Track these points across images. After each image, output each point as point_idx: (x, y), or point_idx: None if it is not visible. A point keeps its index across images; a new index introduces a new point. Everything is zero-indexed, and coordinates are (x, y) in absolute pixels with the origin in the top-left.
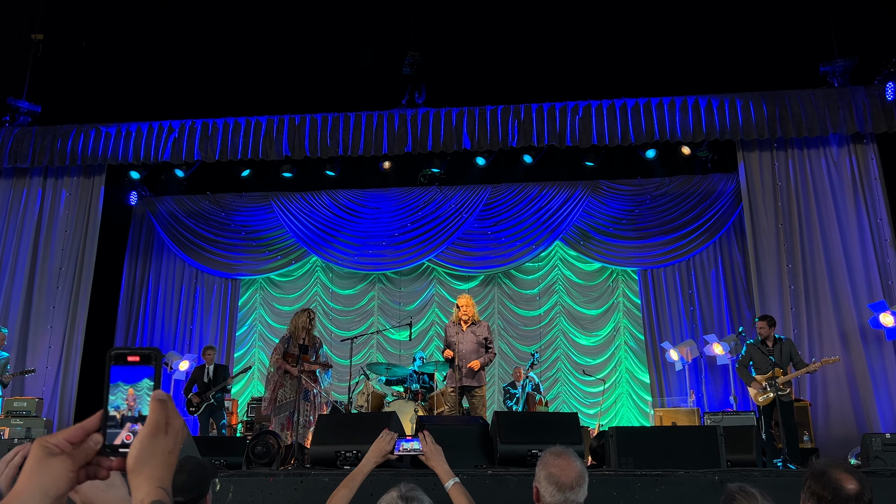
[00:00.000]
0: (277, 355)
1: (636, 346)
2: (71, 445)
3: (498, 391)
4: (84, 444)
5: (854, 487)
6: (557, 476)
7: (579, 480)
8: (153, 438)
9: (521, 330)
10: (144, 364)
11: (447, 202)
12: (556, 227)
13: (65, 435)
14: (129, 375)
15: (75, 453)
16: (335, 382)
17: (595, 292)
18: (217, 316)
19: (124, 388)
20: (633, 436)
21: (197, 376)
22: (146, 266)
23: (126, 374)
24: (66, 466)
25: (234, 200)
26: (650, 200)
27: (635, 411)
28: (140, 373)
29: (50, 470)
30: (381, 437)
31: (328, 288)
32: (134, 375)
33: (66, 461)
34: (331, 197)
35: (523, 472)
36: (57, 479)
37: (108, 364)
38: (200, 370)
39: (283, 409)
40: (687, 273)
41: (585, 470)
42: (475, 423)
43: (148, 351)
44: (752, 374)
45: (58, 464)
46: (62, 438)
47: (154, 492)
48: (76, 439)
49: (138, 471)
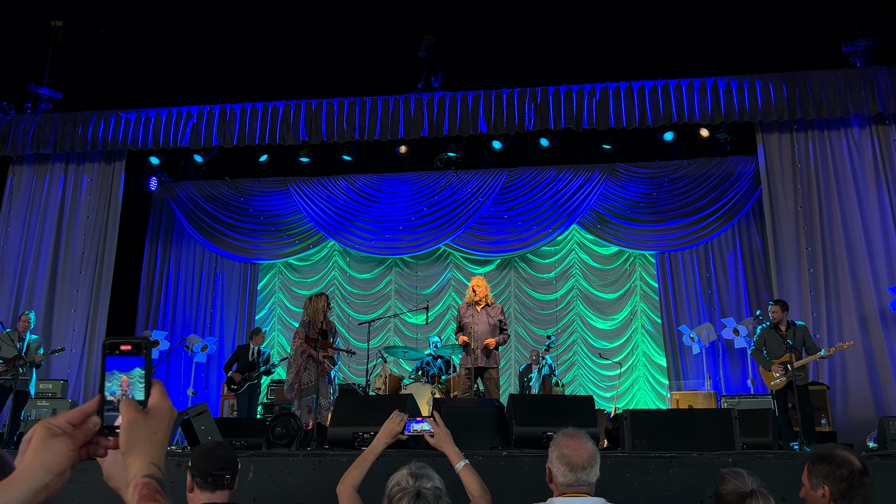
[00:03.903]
0: (300, 339)
1: (653, 329)
2: (72, 427)
3: (514, 374)
4: (84, 425)
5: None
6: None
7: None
8: (134, 423)
9: (537, 314)
10: (136, 353)
11: (463, 186)
12: (573, 211)
13: (66, 417)
14: (122, 364)
15: (76, 434)
16: (353, 365)
17: (612, 276)
18: (236, 300)
19: (119, 375)
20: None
21: (240, 355)
22: (166, 251)
23: (120, 363)
24: (66, 446)
25: (252, 185)
26: (668, 183)
27: (652, 395)
28: (132, 362)
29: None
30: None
31: (346, 272)
32: (127, 364)
33: (67, 441)
34: (347, 181)
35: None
36: (57, 456)
37: (104, 354)
38: (245, 350)
39: (308, 393)
40: (705, 256)
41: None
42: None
43: (138, 341)
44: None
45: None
46: (64, 420)
47: (146, 467)
48: (76, 421)
49: (130, 451)
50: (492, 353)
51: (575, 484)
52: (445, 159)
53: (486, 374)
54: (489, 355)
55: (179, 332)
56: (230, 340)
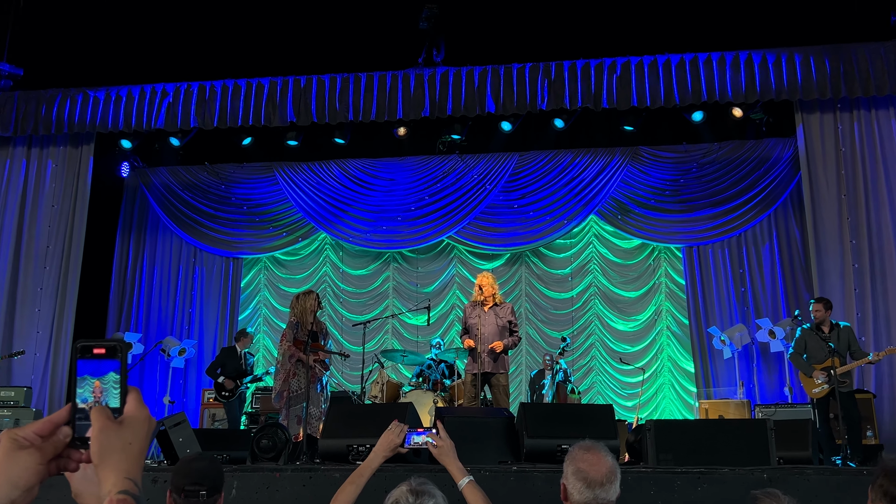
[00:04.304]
0: (287, 342)
1: (680, 331)
2: (40, 438)
3: (525, 381)
4: (53, 436)
5: None
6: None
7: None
8: (105, 432)
9: (550, 314)
10: (110, 357)
11: (469, 172)
12: (591, 200)
13: (34, 428)
14: (95, 368)
15: (45, 446)
16: (347, 371)
17: (634, 272)
18: (217, 298)
19: (91, 381)
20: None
21: (227, 359)
22: (140, 244)
23: (92, 367)
24: (34, 459)
25: (234, 171)
26: (697, 169)
27: (678, 403)
28: (106, 366)
29: (19, 462)
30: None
31: (338, 268)
32: (100, 368)
33: (35, 454)
34: (340, 167)
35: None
36: (25, 471)
37: (74, 357)
38: (232, 353)
39: (297, 401)
40: (737, 250)
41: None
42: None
43: (113, 343)
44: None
45: (26, 456)
46: (31, 431)
47: (120, 482)
48: (45, 432)
49: (103, 464)
50: (500, 357)
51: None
52: (449, 142)
53: (494, 380)
54: (497, 360)
55: (154, 335)
56: (210, 343)
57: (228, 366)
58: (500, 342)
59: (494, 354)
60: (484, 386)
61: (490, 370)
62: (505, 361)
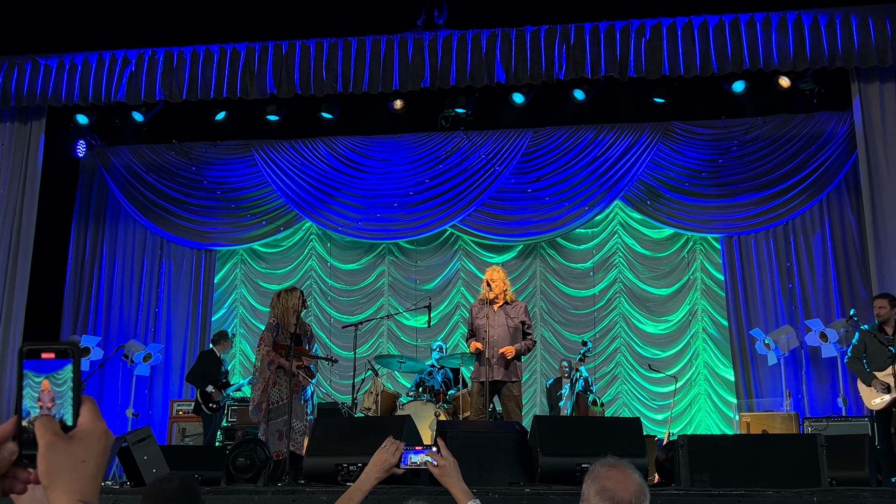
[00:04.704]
0: (267, 346)
1: (718, 334)
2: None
3: (540, 391)
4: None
5: None
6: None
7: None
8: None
9: (569, 314)
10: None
11: (475, 151)
12: (616, 183)
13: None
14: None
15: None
16: (336, 379)
17: (665, 266)
18: (188, 296)
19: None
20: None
21: (209, 364)
22: (99, 234)
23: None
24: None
25: (206, 151)
26: (737, 147)
27: (716, 416)
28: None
29: None
30: (384, 447)
31: (325, 261)
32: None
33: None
34: (328, 146)
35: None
36: None
37: (20, 362)
38: (211, 357)
39: (279, 414)
40: (784, 241)
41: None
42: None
43: (64, 346)
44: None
45: None
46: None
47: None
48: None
49: (53, 485)
50: (512, 363)
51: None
52: (452, 117)
53: (504, 390)
54: (508, 367)
55: (116, 338)
56: (179, 348)
57: (212, 372)
58: (511, 346)
59: (505, 360)
60: (493, 396)
61: (500, 378)
62: (517, 368)
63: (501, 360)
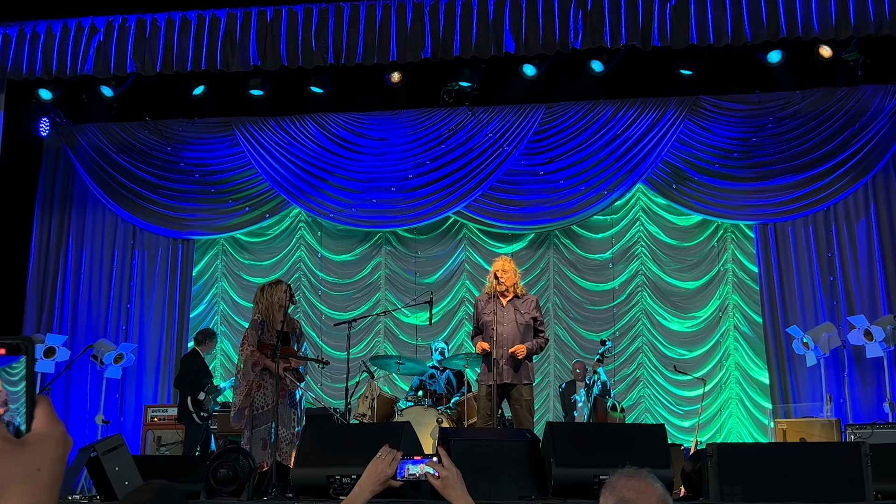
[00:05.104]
0: (250, 346)
1: (751, 332)
2: None
3: (553, 395)
4: None
5: None
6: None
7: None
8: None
9: (586, 310)
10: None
11: (482, 130)
12: (639, 164)
13: None
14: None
15: None
16: (327, 382)
17: (692, 256)
18: (164, 291)
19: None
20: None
21: (199, 367)
22: (64, 222)
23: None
24: None
25: (183, 129)
26: (773, 124)
27: (748, 423)
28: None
29: None
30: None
31: (316, 252)
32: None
33: None
34: (318, 124)
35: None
36: None
37: None
38: (197, 360)
39: (263, 420)
40: (825, 228)
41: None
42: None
43: (15, 341)
44: None
45: None
46: None
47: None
48: None
49: (5, 496)
50: (522, 364)
51: None
52: (456, 91)
53: (514, 394)
54: (519, 368)
55: (84, 337)
56: (154, 348)
57: (202, 376)
58: (522, 345)
59: (515, 361)
60: (501, 401)
61: (509, 381)
62: (528, 370)
63: (511, 360)
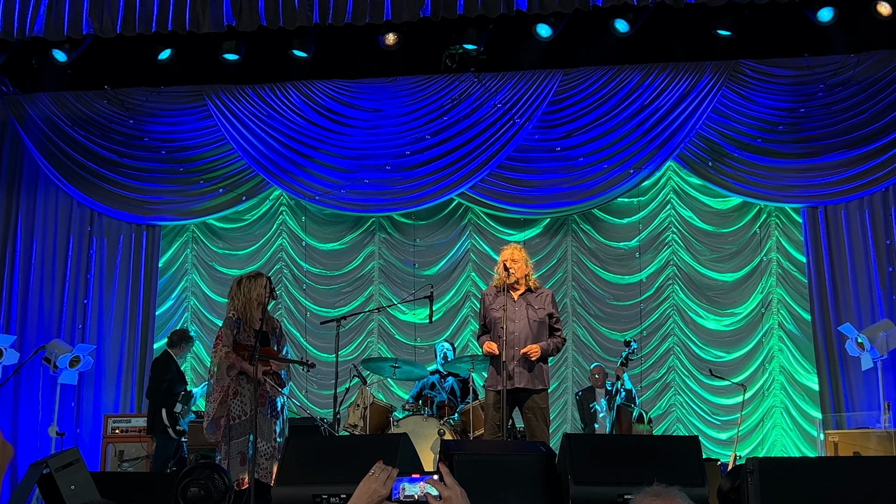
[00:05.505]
0: (225, 347)
1: (798, 331)
2: None
3: (571, 402)
4: None
5: None
6: None
7: None
8: None
9: (609, 306)
10: None
11: (489, 99)
12: (670, 139)
13: None
14: None
15: None
16: (313, 389)
17: (731, 244)
18: (126, 284)
19: None
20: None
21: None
22: (12, 205)
23: None
24: None
25: (147, 100)
26: (824, 93)
27: (795, 435)
28: None
29: None
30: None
31: (300, 240)
32: None
33: None
34: (301, 93)
35: None
36: None
37: None
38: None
39: (241, 432)
40: (883, 212)
41: None
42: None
43: None
44: None
45: None
46: None
47: None
48: None
49: None
50: (537, 367)
51: None
52: (460, 55)
53: (527, 401)
54: (532, 371)
55: (35, 337)
56: (116, 349)
57: (175, 386)
58: (535, 345)
59: (528, 363)
60: (512, 410)
61: (522, 386)
62: (543, 373)
63: (523, 362)
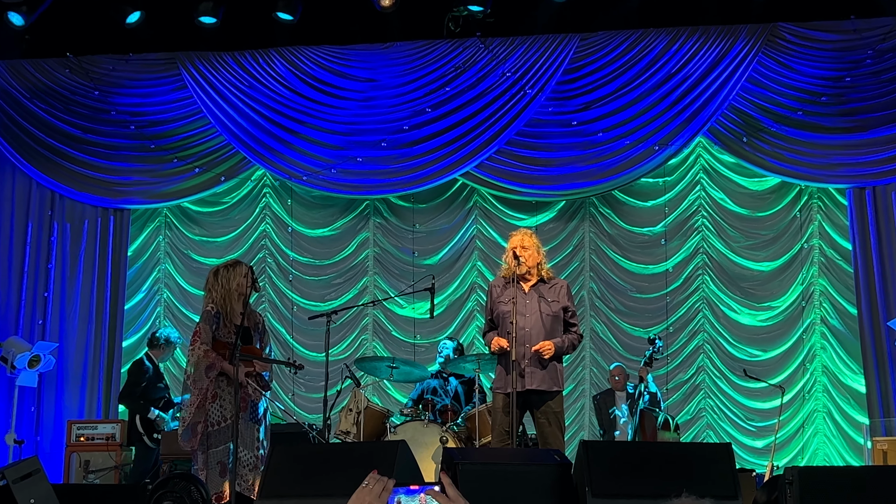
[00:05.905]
0: (203, 345)
1: (843, 327)
2: None
3: (588, 406)
4: None
5: None
6: None
7: None
8: None
9: (631, 299)
10: None
11: (497, 67)
12: (699, 112)
13: None
14: None
15: None
16: (300, 391)
17: (768, 230)
18: (91, 275)
19: None
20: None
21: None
22: None
23: None
24: None
25: (115, 68)
26: (872, 60)
27: (839, 442)
28: None
29: None
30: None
31: (285, 225)
32: None
33: None
34: (286, 60)
35: None
36: None
37: None
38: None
39: (221, 440)
40: None
41: None
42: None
43: None
44: None
45: None
46: None
47: None
48: None
49: None
50: (550, 367)
51: None
52: (465, 18)
53: (541, 405)
54: (546, 370)
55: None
56: (80, 348)
57: (150, 391)
58: (549, 342)
59: (541, 362)
60: (523, 414)
61: (534, 387)
62: (557, 374)
63: (535, 361)
